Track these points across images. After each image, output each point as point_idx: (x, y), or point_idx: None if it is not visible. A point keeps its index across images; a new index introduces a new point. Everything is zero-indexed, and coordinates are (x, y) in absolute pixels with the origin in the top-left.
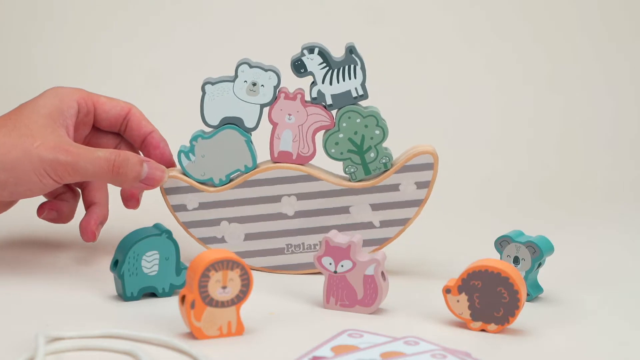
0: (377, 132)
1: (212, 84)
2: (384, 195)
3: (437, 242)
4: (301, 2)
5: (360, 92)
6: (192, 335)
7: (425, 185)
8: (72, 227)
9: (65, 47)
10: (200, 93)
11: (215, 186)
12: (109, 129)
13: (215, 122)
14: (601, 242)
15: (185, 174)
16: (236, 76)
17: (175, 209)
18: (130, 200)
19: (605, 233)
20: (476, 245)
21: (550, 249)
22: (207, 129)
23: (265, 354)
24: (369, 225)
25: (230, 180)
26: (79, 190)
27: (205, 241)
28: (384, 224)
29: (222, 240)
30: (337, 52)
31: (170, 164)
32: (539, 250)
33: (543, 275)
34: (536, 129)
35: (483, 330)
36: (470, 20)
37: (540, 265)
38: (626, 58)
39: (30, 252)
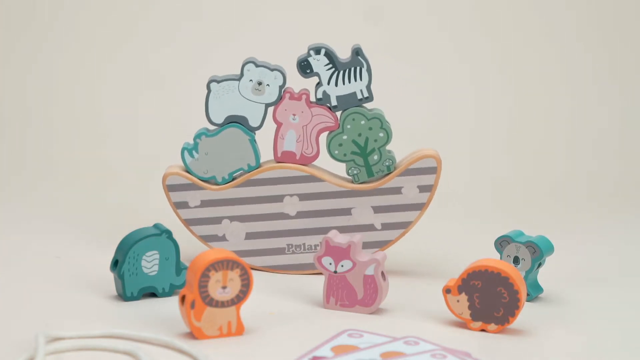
0: (381, 134)
1: (218, 82)
2: (386, 198)
3: (436, 243)
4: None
5: (366, 95)
6: (192, 335)
7: (427, 189)
8: (72, 228)
9: (65, 48)
10: (205, 91)
11: (217, 184)
12: None
13: (220, 120)
14: (601, 242)
15: (188, 171)
16: (242, 75)
17: (177, 206)
18: None
19: (606, 234)
20: (476, 245)
21: (550, 249)
22: (211, 127)
23: (265, 354)
24: (370, 228)
25: (233, 179)
26: None
27: (206, 239)
28: (386, 226)
29: (223, 238)
30: (343, 54)
31: None
32: (539, 250)
33: (543, 275)
34: (537, 130)
35: (483, 330)
36: (481, 20)
37: (540, 265)
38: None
39: (30, 252)
